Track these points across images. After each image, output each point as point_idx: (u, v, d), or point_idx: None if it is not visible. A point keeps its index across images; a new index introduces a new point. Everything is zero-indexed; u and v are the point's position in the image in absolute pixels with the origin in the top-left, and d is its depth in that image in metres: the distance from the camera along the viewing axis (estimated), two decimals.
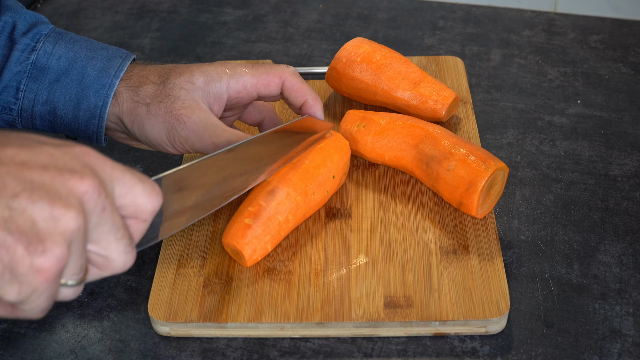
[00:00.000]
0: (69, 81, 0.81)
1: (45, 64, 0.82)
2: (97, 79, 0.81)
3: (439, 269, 0.79)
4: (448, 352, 0.75)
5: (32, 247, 0.49)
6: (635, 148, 0.96)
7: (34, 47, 0.82)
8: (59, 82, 0.81)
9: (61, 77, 0.81)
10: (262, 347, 0.76)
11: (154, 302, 0.78)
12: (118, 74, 0.81)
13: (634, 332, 0.76)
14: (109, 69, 0.81)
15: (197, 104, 0.80)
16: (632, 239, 0.85)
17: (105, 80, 0.81)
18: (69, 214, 0.50)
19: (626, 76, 1.08)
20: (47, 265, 0.49)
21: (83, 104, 0.81)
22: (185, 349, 0.76)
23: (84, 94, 0.81)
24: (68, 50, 0.82)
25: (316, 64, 1.13)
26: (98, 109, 0.81)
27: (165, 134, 0.80)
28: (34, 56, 0.82)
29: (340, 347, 0.76)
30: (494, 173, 0.81)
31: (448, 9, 1.24)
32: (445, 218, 0.84)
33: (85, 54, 0.82)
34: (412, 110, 0.93)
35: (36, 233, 0.49)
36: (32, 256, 0.49)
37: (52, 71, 0.81)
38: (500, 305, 0.75)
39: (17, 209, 0.48)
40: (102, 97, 0.81)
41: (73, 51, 0.82)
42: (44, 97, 0.82)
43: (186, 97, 0.80)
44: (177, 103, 0.79)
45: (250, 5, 1.27)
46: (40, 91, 0.82)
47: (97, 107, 0.81)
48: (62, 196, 0.50)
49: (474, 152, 0.82)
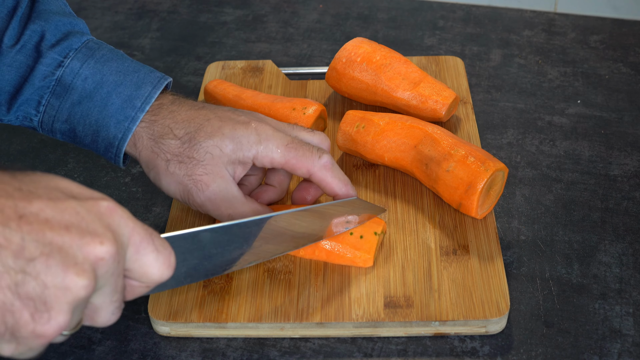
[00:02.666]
0: (92, 106, 0.77)
1: (70, 83, 0.77)
2: (121, 109, 0.77)
3: (439, 269, 0.79)
4: (448, 352, 0.75)
5: (38, 314, 0.48)
6: (635, 148, 0.96)
7: (61, 63, 0.78)
8: (81, 105, 0.78)
9: (84, 100, 0.78)
10: (262, 347, 0.76)
11: (154, 302, 0.78)
12: (144, 106, 0.77)
13: (634, 332, 0.76)
14: (135, 99, 0.77)
15: (220, 172, 0.75)
16: (632, 239, 0.85)
17: (129, 113, 0.77)
18: (80, 282, 0.49)
19: (626, 76, 1.08)
20: (49, 333, 0.49)
21: (102, 133, 0.78)
22: (185, 349, 0.76)
23: (104, 123, 0.77)
24: (96, 72, 0.78)
25: (316, 64, 1.13)
26: (117, 141, 0.77)
27: (179, 194, 0.77)
28: (59, 72, 0.78)
29: (340, 347, 0.76)
30: (493, 174, 0.81)
31: (448, 9, 1.24)
32: (445, 218, 0.84)
33: (113, 79, 0.78)
34: (412, 110, 0.93)
35: (44, 300, 0.48)
36: (36, 323, 0.48)
37: (76, 92, 0.78)
38: (500, 305, 0.75)
39: (31, 274, 0.48)
40: (122, 129, 0.77)
41: (101, 73, 0.78)
42: (65, 116, 0.78)
43: (210, 162, 0.75)
44: (199, 168, 0.75)
45: (250, 5, 1.28)
46: (62, 110, 0.78)
47: (117, 138, 0.77)
48: (78, 262, 0.49)
49: (473, 153, 0.82)
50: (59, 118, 0.79)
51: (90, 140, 0.79)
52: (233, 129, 0.76)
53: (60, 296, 0.49)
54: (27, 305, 0.48)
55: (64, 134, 0.80)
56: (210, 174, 0.75)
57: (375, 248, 0.79)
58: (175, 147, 0.76)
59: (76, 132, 0.79)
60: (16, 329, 0.48)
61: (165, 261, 0.55)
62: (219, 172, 0.75)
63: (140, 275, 0.54)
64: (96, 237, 0.50)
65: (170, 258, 0.55)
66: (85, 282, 0.49)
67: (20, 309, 0.48)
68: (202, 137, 0.75)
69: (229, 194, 0.75)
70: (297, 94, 1.02)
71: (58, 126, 0.79)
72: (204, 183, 0.75)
